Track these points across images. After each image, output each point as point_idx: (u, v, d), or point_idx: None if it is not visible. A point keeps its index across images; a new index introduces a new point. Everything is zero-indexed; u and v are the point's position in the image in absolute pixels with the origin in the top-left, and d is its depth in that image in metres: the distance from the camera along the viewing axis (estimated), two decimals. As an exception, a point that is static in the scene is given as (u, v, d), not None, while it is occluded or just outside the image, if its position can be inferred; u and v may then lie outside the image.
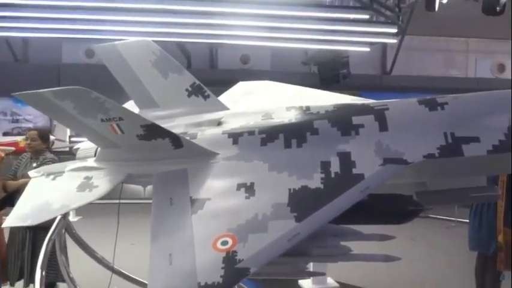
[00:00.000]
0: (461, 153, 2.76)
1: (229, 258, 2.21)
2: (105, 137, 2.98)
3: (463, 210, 7.38)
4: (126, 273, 4.79)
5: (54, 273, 4.65)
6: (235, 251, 2.24)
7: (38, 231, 4.65)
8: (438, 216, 9.34)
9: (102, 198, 3.04)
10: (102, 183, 3.08)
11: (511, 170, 3.29)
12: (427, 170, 2.94)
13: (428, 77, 14.05)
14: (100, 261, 4.64)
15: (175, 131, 3.12)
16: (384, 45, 13.68)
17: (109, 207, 3.71)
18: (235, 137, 3.07)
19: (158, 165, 2.99)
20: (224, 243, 2.30)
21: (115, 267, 4.22)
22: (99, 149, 3.35)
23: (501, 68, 14.67)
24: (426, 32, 14.20)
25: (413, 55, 14.75)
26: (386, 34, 9.53)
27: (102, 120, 2.77)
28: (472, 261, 5.22)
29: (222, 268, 2.17)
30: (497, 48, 15.05)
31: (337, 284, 5.47)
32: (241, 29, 9.32)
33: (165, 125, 3.14)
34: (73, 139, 10.99)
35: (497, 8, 9.83)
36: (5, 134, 12.43)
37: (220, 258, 2.22)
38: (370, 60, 13.94)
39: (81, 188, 3.07)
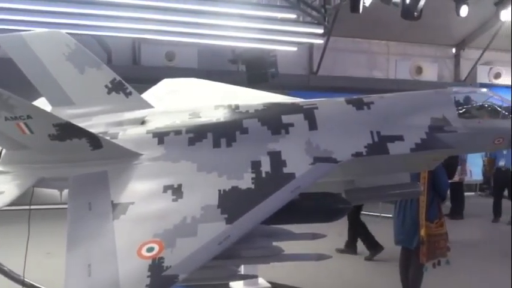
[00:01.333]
0: (386, 151, 2.91)
1: (156, 266, 2.12)
2: (11, 138, 2.74)
3: (386, 206, 7.82)
4: (38, 286, 4.45)
5: None
6: (162, 258, 2.16)
7: None
8: (363, 212, 9.82)
9: (11, 204, 2.79)
10: (9, 189, 2.83)
11: (432, 167, 3.55)
12: (355, 168, 3.06)
13: (353, 77, 14.75)
14: (7, 274, 4.27)
15: (94, 130, 2.96)
16: (311, 45, 14.14)
17: (19, 214, 3.42)
18: (160, 136, 2.97)
19: (75, 167, 2.82)
20: (150, 249, 2.21)
21: (26, 280, 3.90)
22: (3, 151, 3.07)
23: (419, 70, 15.79)
24: (350, 33, 14.91)
25: (339, 56, 15.41)
26: (313, 34, 9.85)
27: (6, 118, 2.54)
28: (396, 255, 5.55)
29: (148, 277, 2.08)
30: (415, 51, 16.25)
31: (269, 285, 5.53)
32: (166, 24, 9.11)
33: (82, 124, 2.96)
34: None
35: (415, 14, 10.59)
36: None
37: (145, 266, 2.13)
38: (298, 60, 14.32)
39: (-16, 195, 2.79)
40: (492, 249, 8.20)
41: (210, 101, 3.54)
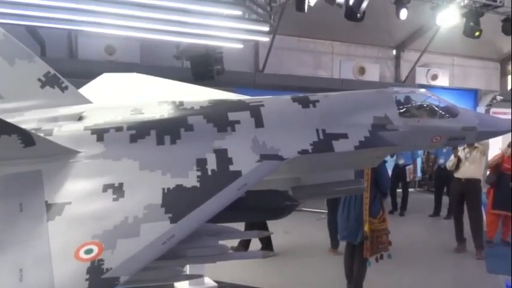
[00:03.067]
0: (331, 148, 2.99)
1: (95, 268, 2.06)
2: None
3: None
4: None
5: None
6: (101, 260, 2.09)
7: None
8: (309, 209, 10.04)
9: None
10: None
11: (375, 164, 3.70)
12: (301, 166, 3.12)
13: (299, 76, 15.06)
14: None
15: (26, 126, 2.81)
16: (257, 43, 14.25)
17: None
18: (99, 133, 2.87)
19: (4, 166, 2.67)
20: (88, 251, 2.14)
21: None
22: None
23: (362, 70, 16.40)
24: (296, 33, 15.22)
25: (285, 54, 15.68)
26: (258, 32, 9.89)
27: None
28: (341, 251, 5.73)
29: (87, 280, 2.02)
30: (358, 52, 16.91)
31: (215, 284, 5.51)
32: (105, 16, 8.79)
33: (12, 119, 2.80)
34: None
35: (358, 15, 10.98)
36: None
37: (84, 268, 2.06)
38: (244, 57, 14.38)
39: None
40: (434, 243, 8.71)
41: (153, 97, 3.47)
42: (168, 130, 2.89)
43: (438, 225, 10.55)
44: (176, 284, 5.23)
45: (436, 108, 3.48)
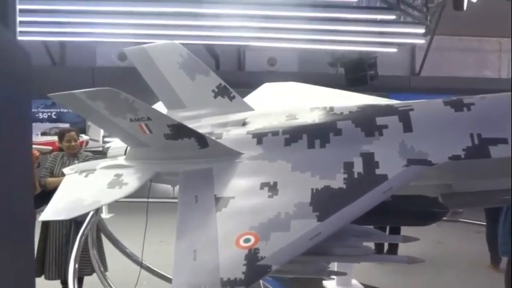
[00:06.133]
0: (488, 154, 2.69)
1: (251, 256, 2.23)
2: (134, 136, 3.06)
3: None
4: (154, 268, 4.88)
5: (90, 267, 4.72)
6: (257, 249, 2.26)
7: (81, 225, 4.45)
8: (468, 220, 9.06)
9: (133, 197, 3.12)
10: (131, 181, 3.17)
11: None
12: (452, 172, 2.88)
13: (460, 78, 13.67)
14: (129, 256, 4.75)
15: (202, 131, 3.18)
16: (413, 46, 13.42)
17: (139, 205, 3.80)
18: (259, 137, 3.09)
19: (184, 164, 3.05)
20: (247, 240, 2.32)
21: (144, 263, 4.31)
22: (128, 148, 3.45)
23: (537, 68, 14.17)
24: (457, 32, 13.83)
25: (444, 56, 14.40)
26: (414, 34, 9.34)
27: (131, 120, 2.85)
28: (503, 267, 5.04)
29: (244, 265, 2.20)
30: (532, 48, 14.56)
31: (361, 286, 5.39)
32: (268, 31, 9.35)
33: (191, 125, 3.20)
34: (106, 139, 11.28)
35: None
36: (43, 134, 12.89)
37: (242, 255, 2.25)
38: (398, 61, 13.69)
39: (112, 184, 3.17)
40: None
41: (306, 103, 3.58)
42: (318, 134, 2.96)
43: None
44: (325, 283, 5.29)
45: None
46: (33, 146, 6.56)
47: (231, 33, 9.69)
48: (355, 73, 11.13)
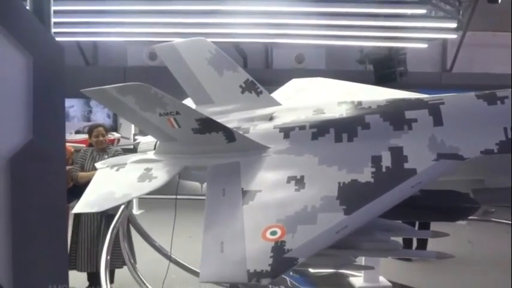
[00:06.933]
0: None
1: (278, 248, 2.23)
2: (163, 131, 3.12)
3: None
4: (183, 262, 4.95)
5: (120, 260, 4.82)
6: (283, 241, 2.26)
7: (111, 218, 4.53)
8: (500, 220, 8.73)
9: (162, 193, 3.17)
10: (160, 175, 3.22)
11: None
12: (485, 167, 2.79)
13: (493, 74, 13.19)
14: (159, 250, 4.84)
15: (229, 125, 3.19)
16: (444, 41, 13.05)
17: (168, 202, 3.86)
18: (286, 131, 3.09)
19: (212, 158, 3.08)
20: (273, 233, 2.33)
21: (172, 256, 4.38)
22: (158, 142, 3.51)
23: None
24: (490, 27, 13.36)
25: (477, 51, 13.93)
26: (445, 29, 9.08)
27: (160, 114, 2.90)
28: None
29: (271, 257, 2.20)
30: None
31: (389, 283, 5.31)
32: (296, 28, 9.29)
33: (219, 120, 3.22)
34: (137, 137, 11.51)
35: None
36: (77, 132, 13.29)
37: (269, 247, 2.25)
38: (428, 57, 13.33)
39: (142, 178, 3.23)
40: None
41: (334, 98, 3.55)
42: (345, 128, 2.93)
43: None
44: (352, 280, 5.23)
45: None
46: (67, 143, 6.76)
47: (258, 30, 9.69)
48: (384, 70, 10.93)
